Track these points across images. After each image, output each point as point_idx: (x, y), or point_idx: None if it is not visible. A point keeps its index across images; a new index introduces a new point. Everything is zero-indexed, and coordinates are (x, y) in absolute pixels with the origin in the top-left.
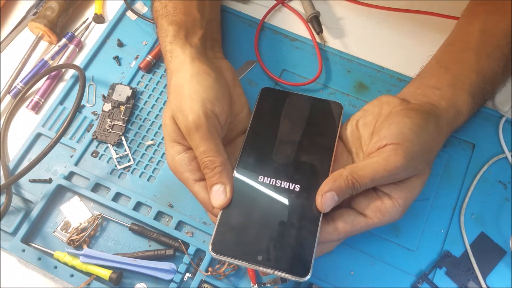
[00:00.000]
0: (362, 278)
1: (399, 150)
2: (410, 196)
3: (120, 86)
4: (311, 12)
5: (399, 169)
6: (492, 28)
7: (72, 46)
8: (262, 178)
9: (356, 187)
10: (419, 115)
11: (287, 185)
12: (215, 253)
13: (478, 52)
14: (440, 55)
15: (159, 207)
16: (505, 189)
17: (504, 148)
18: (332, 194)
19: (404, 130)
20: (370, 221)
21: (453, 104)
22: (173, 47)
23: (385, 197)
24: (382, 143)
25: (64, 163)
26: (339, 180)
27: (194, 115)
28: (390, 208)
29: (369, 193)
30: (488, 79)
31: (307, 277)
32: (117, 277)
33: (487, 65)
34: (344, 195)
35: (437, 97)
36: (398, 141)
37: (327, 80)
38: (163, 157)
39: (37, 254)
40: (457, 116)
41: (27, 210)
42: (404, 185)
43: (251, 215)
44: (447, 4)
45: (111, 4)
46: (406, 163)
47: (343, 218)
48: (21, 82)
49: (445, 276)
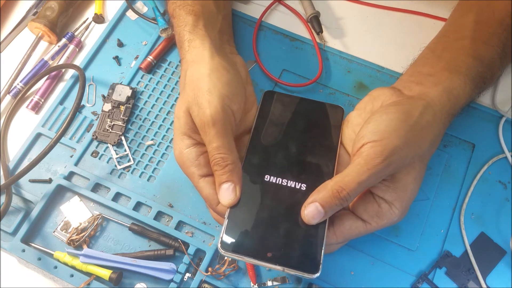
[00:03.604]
0: (362, 278)
1: (377, 147)
2: (405, 196)
3: (120, 86)
4: (311, 12)
5: (380, 165)
6: (486, 19)
7: (72, 46)
8: (268, 178)
9: (343, 196)
10: (398, 109)
11: (293, 185)
12: (224, 250)
13: (474, 39)
14: (434, 45)
15: (159, 207)
16: (505, 189)
17: (504, 148)
18: (315, 205)
19: (380, 127)
20: (369, 226)
21: (448, 88)
22: (192, 37)
23: (381, 201)
24: (361, 144)
25: (64, 163)
26: (323, 192)
27: (212, 109)
28: (387, 212)
29: (367, 197)
30: (486, 64)
31: (317, 274)
32: (117, 277)
33: (484, 51)
34: (331, 206)
35: (430, 83)
36: (375, 138)
37: (327, 80)
38: (163, 157)
39: (37, 254)
40: (454, 100)
41: (27, 210)
42: (396, 186)
43: (259, 214)
44: (447, 4)
45: (111, 4)
46: (387, 158)
47: (342, 223)
48: (21, 82)
49: (445, 276)
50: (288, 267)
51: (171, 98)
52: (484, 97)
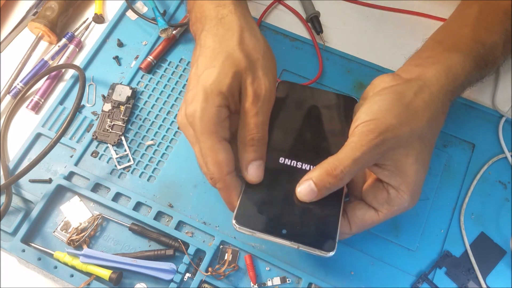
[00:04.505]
0: (362, 278)
1: (370, 125)
2: (410, 179)
3: (120, 86)
4: (311, 12)
5: (374, 141)
6: (490, 9)
7: (72, 46)
8: (283, 160)
9: (337, 174)
10: (392, 90)
11: (308, 167)
12: (239, 224)
13: (476, 26)
14: (436, 34)
15: (159, 207)
16: (505, 189)
17: (504, 148)
18: (309, 183)
19: (373, 107)
20: (381, 214)
21: (447, 66)
22: None
23: (389, 187)
24: (355, 125)
25: (64, 163)
26: (317, 169)
27: (267, 85)
28: (395, 198)
29: (376, 185)
30: (488, 47)
31: (332, 252)
32: (117, 277)
33: (486, 36)
34: (325, 184)
35: (429, 63)
36: (368, 118)
37: (327, 80)
38: (163, 157)
39: (37, 254)
40: (453, 77)
41: (27, 210)
42: (399, 170)
43: (273, 192)
44: (447, 4)
45: (111, 4)
46: (380, 134)
47: (354, 212)
48: (21, 82)
49: (445, 276)
50: (304, 244)
51: (171, 98)
52: (484, 97)
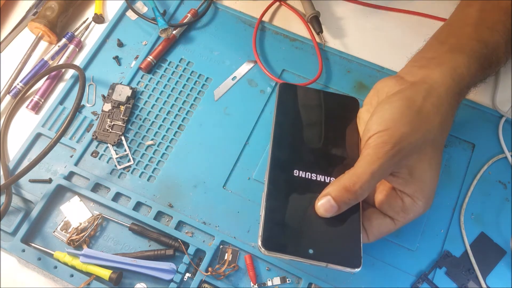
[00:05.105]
0: (362, 278)
1: (384, 136)
2: (425, 186)
3: (120, 86)
4: (311, 12)
5: (390, 152)
6: (491, 8)
7: (72, 46)
8: (297, 172)
9: (357, 189)
10: (401, 97)
11: (322, 178)
12: (267, 250)
13: (478, 25)
14: (438, 34)
15: (159, 207)
16: (505, 189)
17: (504, 148)
18: (328, 198)
19: (385, 116)
20: (397, 222)
21: (452, 67)
22: None
23: (404, 195)
24: (367, 136)
25: (64, 163)
26: (336, 185)
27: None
28: (410, 206)
29: (390, 193)
30: (491, 47)
31: (359, 268)
32: (117, 277)
33: (488, 36)
34: (344, 199)
35: (433, 65)
36: (381, 128)
37: (327, 80)
38: (163, 157)
39: (37, 254)
40: (458, 79)
41: (27, 210)
42: (413, 178)
43: (294, 210)
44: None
45: (111, 4)
46: (396, 145)
47: (370, 222)
48: (21, 82)
49: (445, 276)
50: (332, 263)
51: (171, 98)
52: (484, 97)
